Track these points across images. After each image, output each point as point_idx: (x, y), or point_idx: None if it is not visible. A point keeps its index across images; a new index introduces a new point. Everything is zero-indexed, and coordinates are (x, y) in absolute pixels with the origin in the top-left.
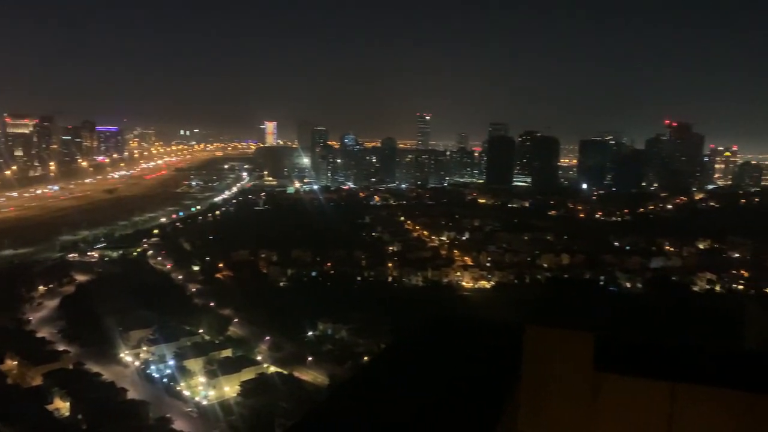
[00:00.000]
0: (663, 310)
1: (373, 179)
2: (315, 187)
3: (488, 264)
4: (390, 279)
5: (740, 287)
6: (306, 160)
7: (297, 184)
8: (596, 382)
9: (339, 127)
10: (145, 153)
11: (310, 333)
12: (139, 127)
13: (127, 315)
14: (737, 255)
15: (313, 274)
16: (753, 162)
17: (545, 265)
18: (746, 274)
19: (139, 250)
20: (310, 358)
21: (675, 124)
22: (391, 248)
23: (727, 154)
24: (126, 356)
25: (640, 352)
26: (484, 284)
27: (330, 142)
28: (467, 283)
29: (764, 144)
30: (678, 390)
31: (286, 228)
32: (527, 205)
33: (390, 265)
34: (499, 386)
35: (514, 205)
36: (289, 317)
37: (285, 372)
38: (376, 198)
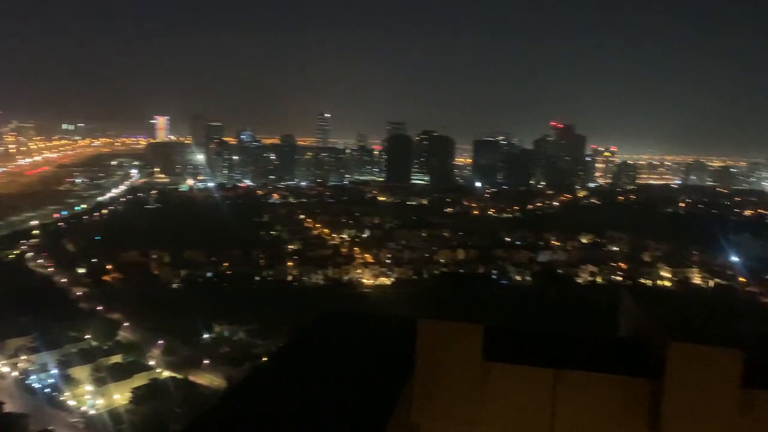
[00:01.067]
0: (549, 301)
1: (272, 177)
2: (210, 184)
3: (388, 261)
4: (290, 278)
5: (619, 278)
6: (200, 157)
7: (190, 182)
8: (485, 372)
9: (235, 123)
10: (23, 148)
11: (205, 335)
12: (16, 120)
13: (2, 322)
14: (616, 248)
15: (209, 274)
16: (630, 162)
17: (442, 261)
18: (624, 266)
19: (16, 252)
20: (206, 362)
21: (560, 125)
22: (290, 247)
23: (607, 154)
24: (2, 367)
25: (526, 341)
26: (385, 281)
27: (226, 138)
28: (368, 280)
29: (640, 145)
30: (560, 376)
31: (179, 227)
32: (425, 202)
33: (290, 264)
34: (393, 380)
35: (413, 203)
36: (183, 320)
37: (179, 376)
38: (275, 196)
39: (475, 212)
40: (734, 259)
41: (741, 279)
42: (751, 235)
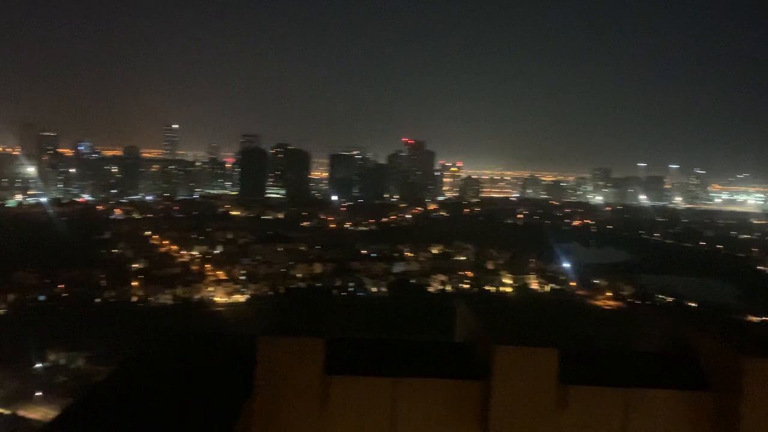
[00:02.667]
0: (403, 310)
1: (114, 191)
2: (43, 199)
3: (242, 277)
4: (135, 299)
5: (466, 286)
6: (31, 169)
7: (19, 197)
8: (327, 386)
9: (72, 133)
10: None
11: (38, 365)
12: None
13: None
14: (463, 258)
15: (42, 298)
16: (474, 176)
17: (299, 275)
18: (470, 274)
19: None
20: (38, 393)
21: (411, 141)
22: (135, 266)
23: (454, 169)
24: None
25: (367, 352)
26: (239, 298)
27: (61, 150)
28: (221, 298)
29: (483, 161)
30: (399, 384)
31: (6, 247)
32: (281, 216)
33: (135, 284)
34: (232, 400)
35: (268, 217)
36: (11, 349)
37: (6, 412)
38: (118, 211)
39: (331, 226)
40: (566, 265)
41: (572, 283)
42: (579, 242)
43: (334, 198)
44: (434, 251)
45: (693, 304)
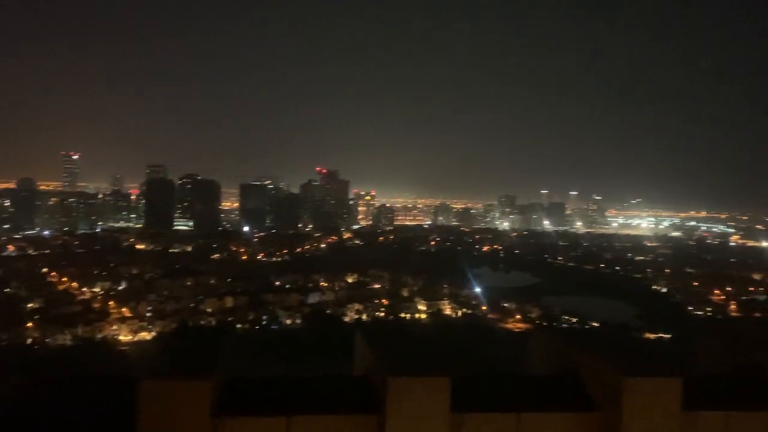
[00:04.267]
0: (317, 342)
1: (7, 226)
2: None
3: (148, 314)
4: (30, 341)
5: (382, 314)
6: None
7: None
8: (214, 429)
9: None
10: None
11: None
12: None
13: None
14: (378, 285)
15: None
16: (387, 205)
17: (209, 310)
18: (386, 302)
19: None
20: None
21: (324, 170)
22: (30, 305)
23: (368, 198)
24: None
25: (261, 391)
26: (145, 336)
27: None
28: (125, 337)
29: (396, 189)
30: (293, 423)
31: None
32: (190, 249)
33: (29, 324)
34: None
35: (176, 250)
36: None
37: None
38: (10, 248)
39: (243, 257)
40: (477, 289)
41: (483, 307)
42: (489, 267)
43: (246, 229)
44: (349, 280)
45: (595, 324)
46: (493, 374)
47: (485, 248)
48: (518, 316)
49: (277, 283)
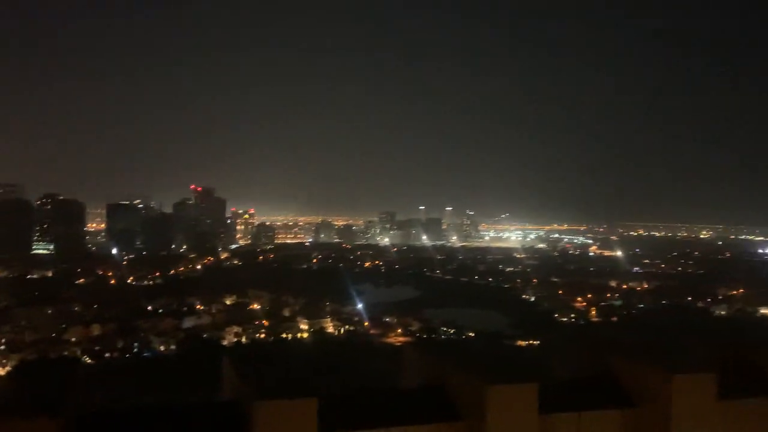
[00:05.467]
0: (192, 368)
1: None
2: None
3: (2, 347)
4: None
5: (262, 335)
6: None
7: None
8: None
9: None
10: None
11: None
12: None
13: None
14: (258, 306)
15: None
16: (267, 223)
17: (74, 339)
18: (266, 323)
19: None
20: None
21: (200, 189)
22: None
23: (246, 216)
24: None
25: (120, 425)
26: None
27: None
28: None
29: (276, 208)
30: None
31: None
32: (50, 274)
33: None
34: None
35: (35, 276)
36: None
37: None
38: None
39: (112, 282)
40: (359, 305)
41: (365, 323)
42: (371, 283)
43: (114, 251)
44: (228, 302)
45: (471, 334)
46: (363, 390)
47: (367, 264)
48: (399, 330)
49: (150, 307)
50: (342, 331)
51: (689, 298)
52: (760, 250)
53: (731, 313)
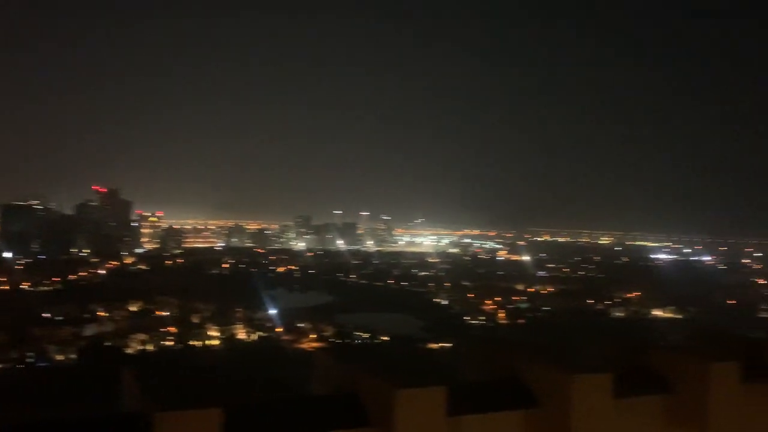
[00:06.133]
0: (92, 378)
1: None
2: None
3: None
4: None
5: (170, 343)
6: None
7: None
8: None
9: None
10: None
11: None
12: None
13: None
14: (166, 313)
15: None
16: (176, 226)
17: None
18: (174, 330)
19: None
20: None
21: (103, 190)
22: None
23: (153, 219)
24: None
25: None
26: None
27: None
28: None
29: (185, 210)
30: None
31: None
32: None
33: None
34: None
35: None
36: None
37: None
38: None
39: (5, 288)
40: (272, 311)
41: (278, 329)
42: (284, 288)
43: (8, 255)
44: (133, 308)
45: (385, 338)
46: (272, 398)
47: (281, 269)
48: (313, 336)
49: (46, 315)
50: (254, 337)
51: (590, 301)
52: (653, 256)
53: (628, 314)
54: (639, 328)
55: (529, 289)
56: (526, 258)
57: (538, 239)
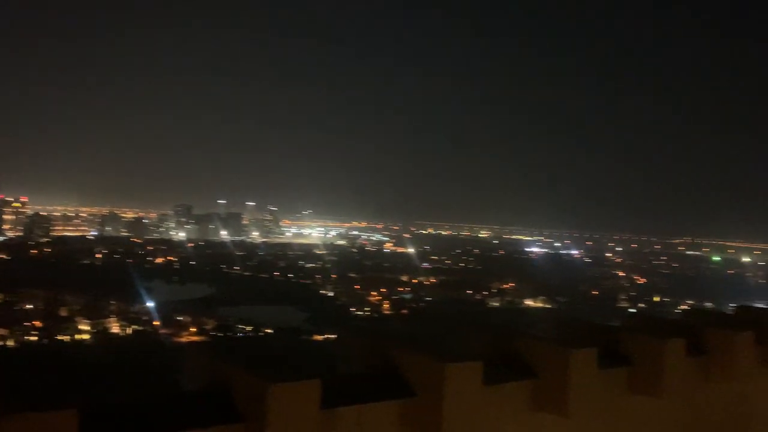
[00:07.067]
0: None
1: None
2: None
3: None
4: None
5: (34, 338)
6: None
7: None
8: None
9: None
10: None
11: None
12: None
13: None
14: (31, 306)
15: None
16: (43, 213)
17: None
18: (39, 324)
19: None
20: None
21: None
22: None
23: (17, 205)
24: None
25: None
26: None
27: None
28: None
29: (53, 197)
30: None
31: None
32: None
33: None
34: None
35: None
36: None
37: None
38: None
39: None
40: (149, 304)
41: (155, 323)
42: (162, 280)
43: None
44: None
45: (269, 330)
46: (138, 396)
47: (159, 260)
48: (193, 329)
49: None
50: (128, 331)
51: (469, 291)
52: (527, 249)
53: (503, 304)
54: (512, 318)
55: (413, 281)
56: (411, 250)
57: (423, 232)
